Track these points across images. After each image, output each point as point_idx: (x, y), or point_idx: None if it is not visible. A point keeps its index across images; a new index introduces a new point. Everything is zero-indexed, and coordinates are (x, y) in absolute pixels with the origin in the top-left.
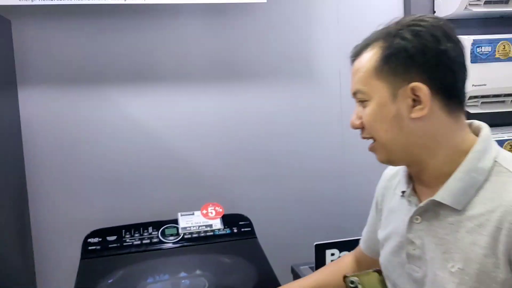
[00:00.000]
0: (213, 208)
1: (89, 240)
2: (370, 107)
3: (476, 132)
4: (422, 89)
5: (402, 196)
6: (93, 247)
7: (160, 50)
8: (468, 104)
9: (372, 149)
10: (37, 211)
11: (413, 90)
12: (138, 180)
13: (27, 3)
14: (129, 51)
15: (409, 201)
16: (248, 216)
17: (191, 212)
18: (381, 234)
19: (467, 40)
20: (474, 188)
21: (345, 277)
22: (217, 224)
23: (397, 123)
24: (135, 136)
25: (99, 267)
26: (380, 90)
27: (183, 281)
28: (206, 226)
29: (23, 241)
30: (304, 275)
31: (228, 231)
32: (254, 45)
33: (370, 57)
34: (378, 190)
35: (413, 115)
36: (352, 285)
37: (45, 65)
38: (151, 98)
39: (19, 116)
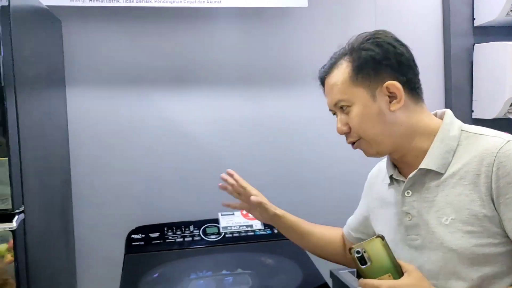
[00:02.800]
0: None
1: (133, 236)
2: (355, 110)
3: (441, 116)
4: (395, 85)
5: (390, 183)
6: (137, 243)
7: (200, 53)
8: (509, 110)
9: (358, 146)
10: (80, 208)
11: (388, 88)
12: (178, 180)
13: (77, 4)
14: (169, 54)
15: (397, 182)
16: None
17: (231, 212)
18: (378, 224)
19: (510, 46)
20: (450, 153)
21: (350, 249)
22: (257, 224)
23: (381, 118)
24: (178, 137)
25: (143, 262)
26: (359, 95)
27: (226, 278)
28: (247, 226)
29: (66, 238)
30: (345, 280)
31: (268, 231)
32: (293, 50)
33: (342, 71)
34: (366, 186)
35: (392, 108)
36: (358, 255)
37: (91, 65)
38: (193, 101)
39: (66, 115)
